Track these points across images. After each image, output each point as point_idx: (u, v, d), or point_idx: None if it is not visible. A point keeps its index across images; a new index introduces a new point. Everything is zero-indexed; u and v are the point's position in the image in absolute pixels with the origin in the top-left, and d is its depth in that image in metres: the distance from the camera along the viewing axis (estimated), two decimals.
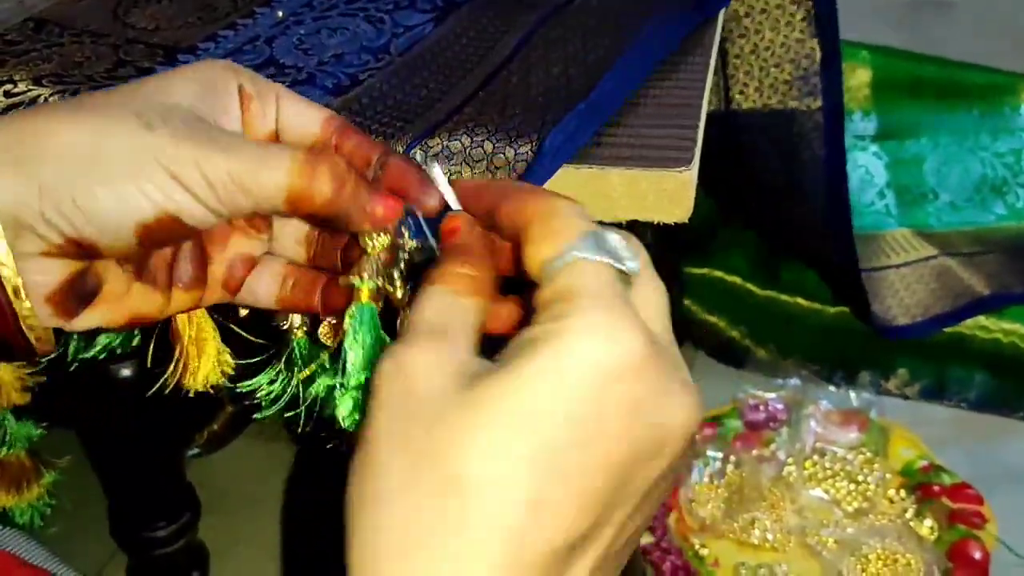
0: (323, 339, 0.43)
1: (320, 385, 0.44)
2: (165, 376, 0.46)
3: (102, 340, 0.52)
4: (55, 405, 0.55)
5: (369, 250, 0.38)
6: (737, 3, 0.97)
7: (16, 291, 0.35)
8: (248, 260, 0.42)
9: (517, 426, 0.28)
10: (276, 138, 0.40)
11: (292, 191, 0.36)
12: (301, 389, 0.44)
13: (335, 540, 0.31)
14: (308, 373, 0.44)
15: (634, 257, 0.33)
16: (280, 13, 0.65)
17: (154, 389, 0.46)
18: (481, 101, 0.53)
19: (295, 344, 0.44)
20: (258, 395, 0.44)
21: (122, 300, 0.39)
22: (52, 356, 0.40)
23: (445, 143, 0.50)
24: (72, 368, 0.53)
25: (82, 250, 0.36)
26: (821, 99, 0.99)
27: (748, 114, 1.02)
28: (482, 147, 0.50)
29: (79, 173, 0.34)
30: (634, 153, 0.51)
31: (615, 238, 0.33)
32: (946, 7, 1.60)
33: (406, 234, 0.38)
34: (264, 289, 0.42)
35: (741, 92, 1.02)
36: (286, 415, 0.44)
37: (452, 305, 0.33)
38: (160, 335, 0.47)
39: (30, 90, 0.55)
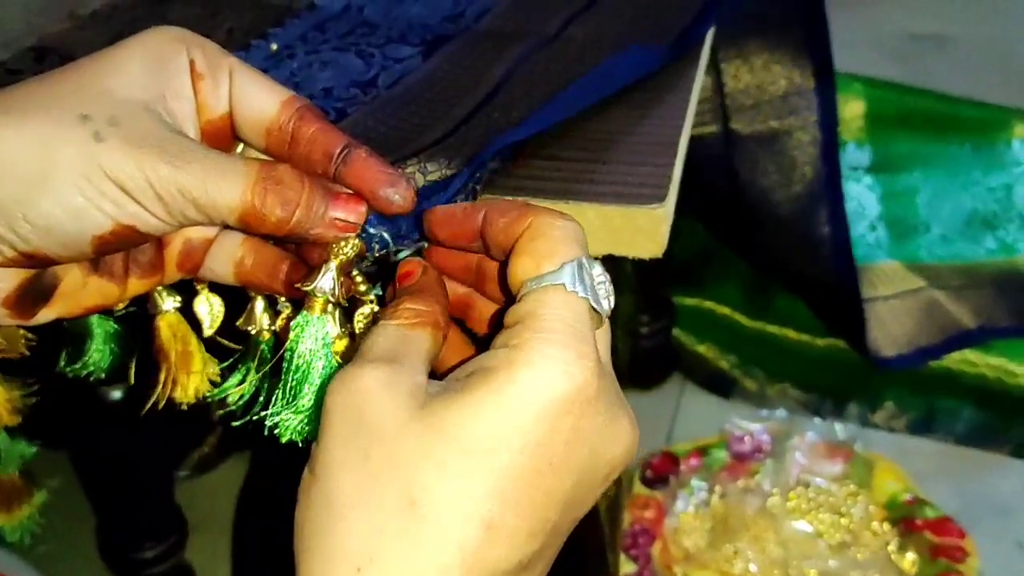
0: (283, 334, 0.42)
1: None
2: (155, 394, 0.46)
3: (91, 362, 0.53)
4: (46, 427, 0.55)
5: (332, 257, 0.37)
6: (731, 25, 0.99)
7: None
8: (205, 241, 0.41)
9: (474, 451, 0.29)
10: (230, 119, 0.38)
11: (244, 213, 0.35)
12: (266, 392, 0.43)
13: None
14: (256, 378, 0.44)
15: (609, 296, 0.34)
16: (274, 46, 0.66)
17: (147, 407, 0.46)
18: (463, 135, 0.54)
19: (263, 346, 0.44)
20: (228, 401, 0.44)
21: (79, 294, 0.39)
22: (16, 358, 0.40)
23: (416, 168, 0.50)
24: (63, 390, 0.54)
25: (36, 261, 0.35)
26: (816, 116, 1.01)
27: (745, 135, 1.04)
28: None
29: (28, 190, 0.33)
30: (610, 190, 0.52)
31: (598, 273, 0.34)
32: (941, 42, 1.61)
33: (389, 239, 0.38)
34: (222, 267, 0.41)
35: (738, 112, 1.03)
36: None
37: (403, 336, 0.33)
38: (143, 352, 0.48)
39: None
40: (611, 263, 0.61)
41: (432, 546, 0.29)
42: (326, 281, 0.38)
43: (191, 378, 0.46)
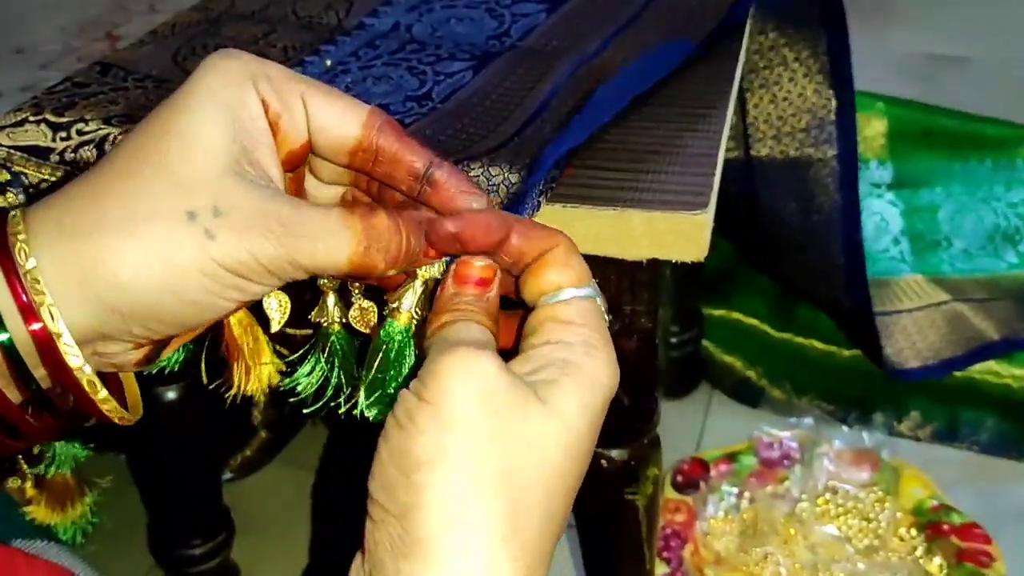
0: (355, 324, 0.45)
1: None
2: (225, 385, 0.48)
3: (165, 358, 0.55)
4: (103, 427, 0.58)
5: (419, 275, 0.40)
6: (756, 56, 1.02)
7: (92, 384, 0.37)
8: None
9: (583, 441, 0.35)
10: (309, 147, 0.39)
11: (351, 271, 0.37)
12: (344, 380, 0.46)
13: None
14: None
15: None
16: (328, 62, 0.69)
17: (229, 399, 0.48)
18: (517, 145, 0.57)
19: (333, 337, 0.46)
20: (299, 390, 0.46)
21: (187, 334, 0.42)
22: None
23: (480, 172, 0.54)
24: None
25: (163, 339, 0.39)
26: (836, 147, 1.03)
27: (766, 161, 1.06)
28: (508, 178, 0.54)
29: (156, 300, 0.35)
30: (655, 198, 0.55)
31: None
32: (961, 63, 1.63)
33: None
34: None
35: (760, 140, 1.06)
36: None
37: (483, 331, 0.37)
38: (209, 351, 0.51)
39: (100, 129, 0.59)
40: (652, 272, 0.64)
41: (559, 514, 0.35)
42: (408, 300, 0.41)
43: (263, 369, 0.49)
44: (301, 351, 0.48)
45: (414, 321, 0.41)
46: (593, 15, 0.75)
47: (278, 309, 0.48)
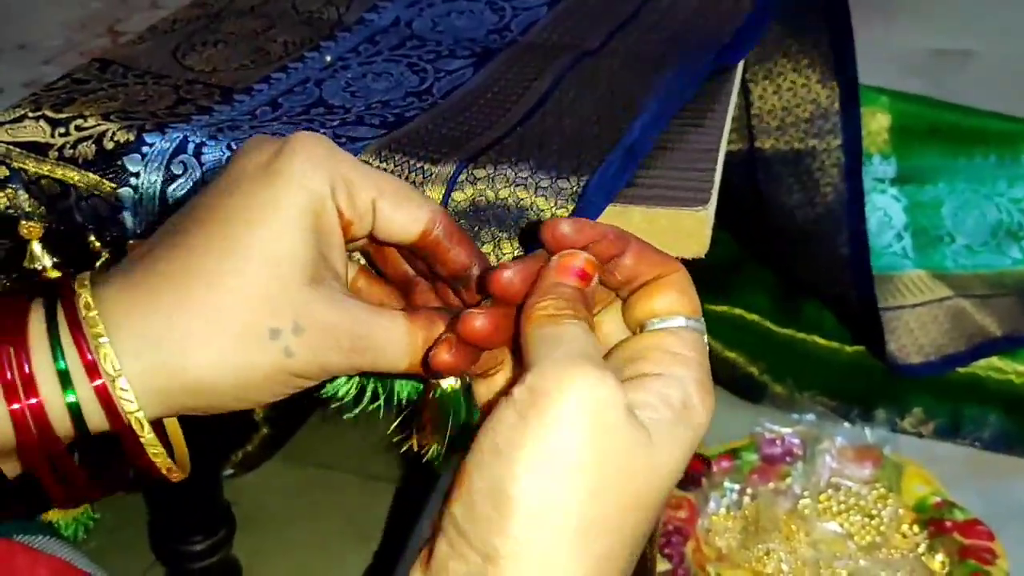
0: None
1: (403, 387, 0.47)
2: None
3: None
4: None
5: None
6: (760, 46, 1.01)
7: (139, 423, 0.38)
8: None
9: (678, 475, 0.34)
10: (372, 239, 0.41)
11: (410, 371, 0.39)
12: (381, 389, 0.48)
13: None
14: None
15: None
16: (328, 58, 0.69)
17: None
18: (519, 136, 0.57)
19: None
20: (339, 395, 0.48)
21: None
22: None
23: (491, 172, 0.54)
24: None
25: None
26: (841, 136, 1.03)
27: (770, 153, 1.06)
28: (530, 177, 0.53)
29: (227, 400, 0.37)
30: (655, 193, 0.55)
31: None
32: (964, 57, 1.63)
33: None
34: None
35: (764, 132, 1.06)
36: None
37: (589, 333, 0.36)
38: None
39: (99, 125, 0.59)
40: None
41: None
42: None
43: None
44: None
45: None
46: (594, 9, 0.75)
47: None
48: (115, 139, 0.58)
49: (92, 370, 0.36)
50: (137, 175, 0.57)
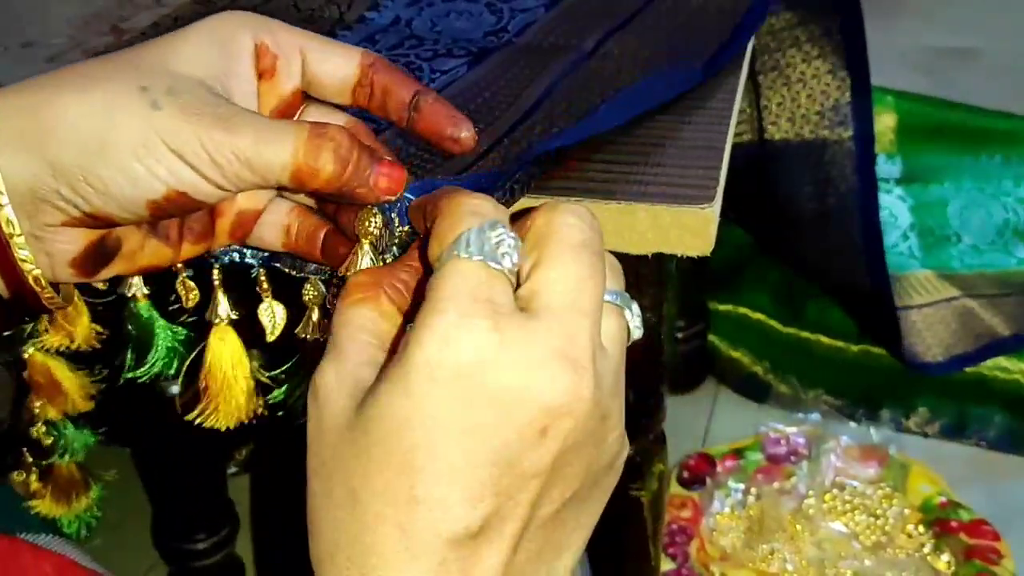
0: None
1: None
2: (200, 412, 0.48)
3: (156, 366, 0.54)
4: (108, 420, 0.58)
5: (361, 236, 0.39)
6: (768, 37, 1.01)
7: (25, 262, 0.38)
8: (255, 212, 0.42)
9: (391, 439, 0.31)
10: (301, 94, 0.41)
11: (296, 169, 0.36)
12: None
13: None
14: None
15: (510, 253, 0.32)
16: None
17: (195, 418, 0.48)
18: (505, 147, 0.57)
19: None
20: (288, 402, 0.46)
21: (136, 255, 0.41)
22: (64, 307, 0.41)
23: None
24: (125, 384, 0.57)
25: (99, 221, 0.38)
26: (852, 128, 1.02)
27: (780, 145, 1.06)
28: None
29: (88, 154, 0.36)
30: (660, 191, 0.54)
31: (498, 233, 0.32)
32: (969, 56, 1.63)
33: (396, 220, 0.39)
34: (270, 235, 0.43)
35: (774, 123, 1.05)
36: None
37: (348, 319, 0.34)
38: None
39: None
40: (657, 266, 0.63)
41: (372, 534, 0.31)
42: (365, 261, 0.39)
43: (233, 403, 0.48)
44: (288, 364, 0.48)
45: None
46: (592, 11, 0.75)
47: (271, 320, 0.48)
48: None
49: None
50: None
